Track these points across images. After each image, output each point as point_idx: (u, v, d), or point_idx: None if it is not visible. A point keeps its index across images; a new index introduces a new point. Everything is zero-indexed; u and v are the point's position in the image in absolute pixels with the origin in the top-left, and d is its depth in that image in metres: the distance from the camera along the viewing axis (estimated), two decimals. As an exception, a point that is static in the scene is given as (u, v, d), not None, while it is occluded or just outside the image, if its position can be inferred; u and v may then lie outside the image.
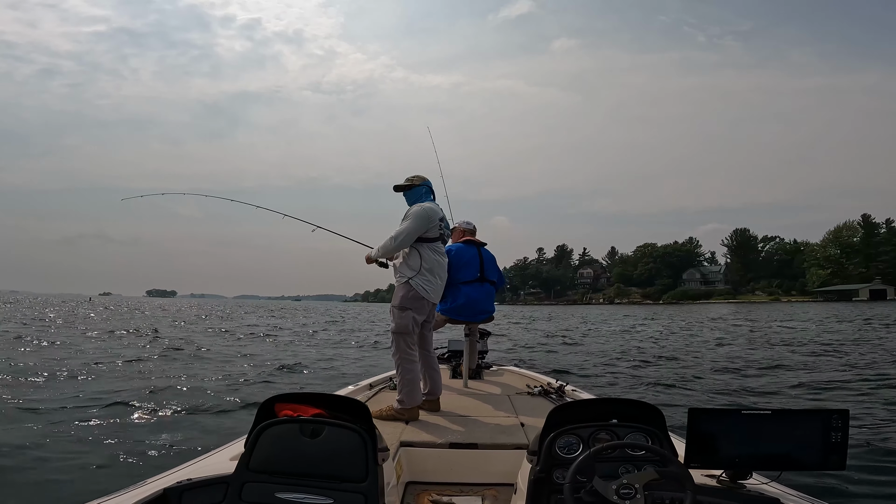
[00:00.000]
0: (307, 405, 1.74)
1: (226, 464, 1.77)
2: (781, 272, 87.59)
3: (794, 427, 1.63)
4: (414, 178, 3.41)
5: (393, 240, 3.13)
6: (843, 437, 1.61)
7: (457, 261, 4.02)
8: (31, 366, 8.34)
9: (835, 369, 9.20)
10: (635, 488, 1.47)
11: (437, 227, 3.23)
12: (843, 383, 7.65)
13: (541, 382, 4.10)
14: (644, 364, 10.18)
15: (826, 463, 1.62)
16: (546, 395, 3.64)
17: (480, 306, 4.14)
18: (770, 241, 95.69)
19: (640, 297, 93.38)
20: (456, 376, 4.44)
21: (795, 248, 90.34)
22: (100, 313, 32.13)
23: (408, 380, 3.05)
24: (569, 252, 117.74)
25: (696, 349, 13.05)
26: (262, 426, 1.64)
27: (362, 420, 1.70)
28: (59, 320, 23.19)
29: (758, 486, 1.66)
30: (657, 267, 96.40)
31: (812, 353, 11.65)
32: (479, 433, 2.70)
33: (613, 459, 1.64)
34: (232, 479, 1.58)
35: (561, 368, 9.26)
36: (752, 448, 1.62)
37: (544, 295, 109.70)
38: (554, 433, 1.77)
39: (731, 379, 8.38)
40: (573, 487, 1.51)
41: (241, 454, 1.64)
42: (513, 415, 3.11)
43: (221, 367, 9.31)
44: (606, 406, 1.90)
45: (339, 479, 1.57)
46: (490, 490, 2.35)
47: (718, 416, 1.66)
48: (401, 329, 3.15)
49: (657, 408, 1.80)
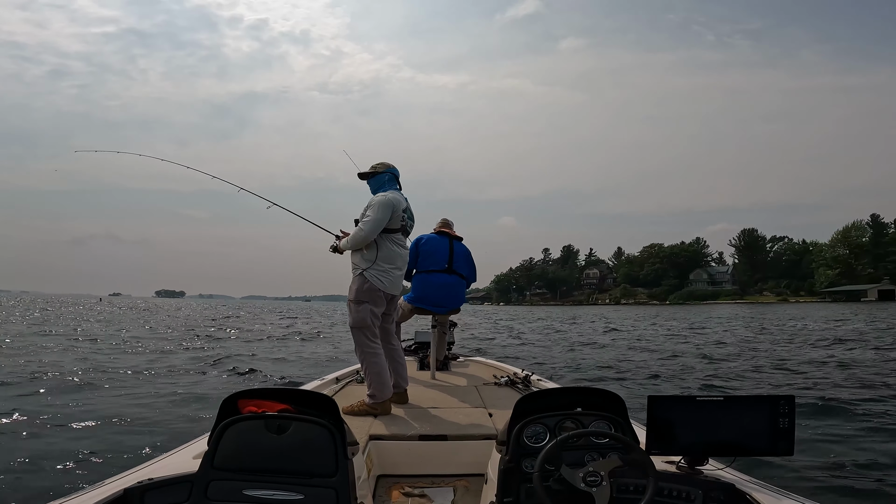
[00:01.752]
0: (272, 401, 1.73)
1: (189, 462, 1.72)
2: (790, 272, 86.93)
3: (744, 413, 1.66)
4: (378, 165, 3.32)
5: (360, 231, 3.06)
6: (790, 423, 1.64)
7: (426, 249, 4.04)
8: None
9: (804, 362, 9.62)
10: (601, 475, 1.51)
11: (399, 218, 3.15)
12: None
13: (507, 373, 4.14)
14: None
15: (775, 448, 1.66)
16: (513, 385, 3.69)
17: (447, 296, 4.12)
18: (778, 242, 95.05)
19: (647, 297, 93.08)
20: (423, 368, 4.42)
21: (804, 248, 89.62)
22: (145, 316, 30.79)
23: (375, 373, 3.00)
24: (575, 252, 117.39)
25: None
26: (225, 423, 1.60)
27: (330, 414, 1.68)
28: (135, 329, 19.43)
29: (714, 472, 1.70)
30: (664, 267, 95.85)
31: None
32: (448, 425, 2.72)
33: (579, 447, 1.68)
34: (196, 478, 1.54)
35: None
36: (707, 434, 1.65)
37: (550, 295, 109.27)
38: (521, 423, 1.80)
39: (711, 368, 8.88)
40: (542, 476, 1.53)
41: (205, 452, 1.60)
42: (481, 406, 3.13)
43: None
44: (571, 395, 1.93)
45: (308, 475, 1.54)
46: (461, 481, 2.36)
47: (675, 403, 1.69)
48: (358, 323, 3.08)
49: (619, 396, 1.86)
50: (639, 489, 1.55)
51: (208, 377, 7.96)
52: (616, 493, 1.52)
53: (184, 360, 10.00)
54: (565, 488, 1.52)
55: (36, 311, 32.09)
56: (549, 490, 1.53)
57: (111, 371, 8.06)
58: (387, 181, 3.25)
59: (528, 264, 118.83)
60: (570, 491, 1.52)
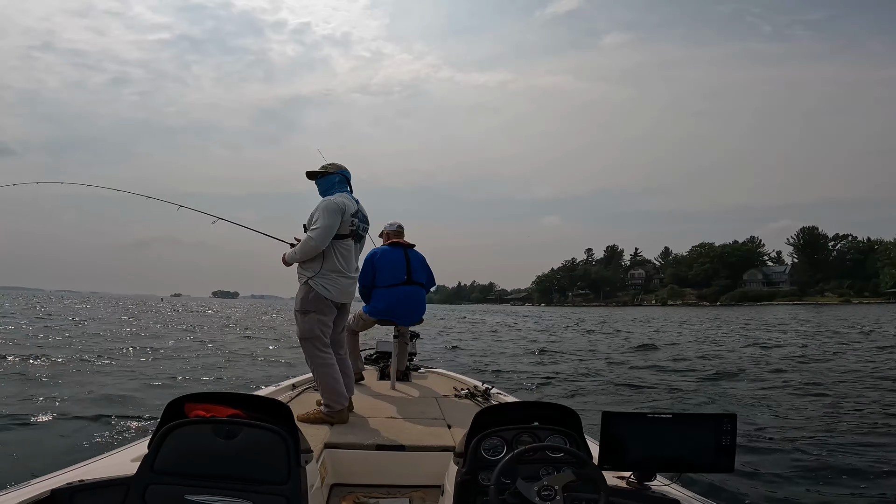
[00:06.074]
0: (222, 405, 1.67)
1: (126, 465, 1.65)
2: (853, 272, 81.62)
3: (689, 430, 1.72)
4: (329, 165, 3.20)
5: (310, 240, 2.93)
6: (731, 441, 1.69)
7: (382, 264, 3.98)
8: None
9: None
10: (555, 490, 1.52)
11: (348, 223, 3.02)
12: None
13: (467, 385, 4.14)
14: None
15: (717, 465, 1.71)
16: (472, 397, 3.69)
17: (409, 309, 4.10)
18: (842, 240, 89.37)
19: (696, 298, 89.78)
20: (383, 378, 4.41)
21: (869, 246, 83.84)
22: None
23: (327, 383, 2.93)
24: (619, 252, 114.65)
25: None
26: (169, 426, 1.54)
27: (284, 421, 1.63)
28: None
29: (661, 488, 1.74)
30: (714, 267, 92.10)
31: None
32: (406, 435, 2.68)
33: (535, 461, 1.69)
34: (133, 481, 1.47)
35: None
36: (655, 450, 1.70)
37: (593, 296, 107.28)
38: (479, 436, 1.81)
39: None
40: (498, 489, 1.55)
41: (145, 455, 1.53)
42: (440, 417, 3.11)
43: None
44: (529, 409, 1.95)
45: (257, 481, 1.49)
46: (417, 492, 2.34)
47: (627, 419, 1.75)
48: (305, 334, 3.00)
49: (574, 411, 1.89)
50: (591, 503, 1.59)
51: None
52: None
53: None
54: (520, 502, 1.54)
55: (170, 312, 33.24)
56: (505, 503, 1.54)
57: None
58: (337, 182, 3.14)
59: (570, 265, 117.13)
60: None
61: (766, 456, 4.39)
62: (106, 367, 9.02)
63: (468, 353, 12.97)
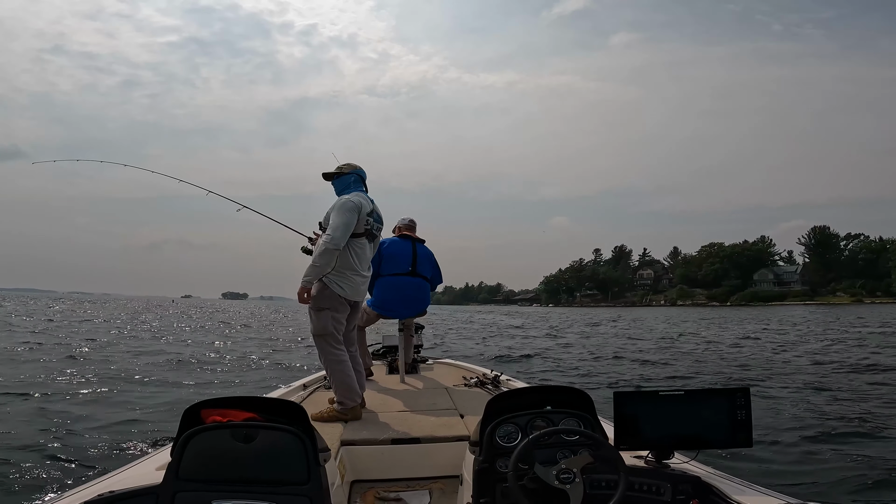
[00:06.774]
0: (237, 409, 1.68)
1: (151, 474, 1.67)
2: (865, 272, 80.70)
3: (703, 406, 1.73)
4: (344, 165, 3.26)
5: (331, 240, 2.93)
6: (747, 415, 1.70)
7: (388, 253, 3.99)
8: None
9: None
10: (574, 472, 1.53)
11: (363, 222, 3.07)
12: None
13: (476, 374, 4.17)
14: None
15: (735, 440, 1.72)
16: (482, 385, 3.71)
17: (412, 299, 4.10)
18: (854, 239, 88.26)
19: (705, 298, 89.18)
20: (392, 372, 4.40)
21: (881, 245, 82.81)
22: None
23: (341, 380, 2.96)
24: (628, 253, 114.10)
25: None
26: (189, 432, 1.55)
27: (299, 421, 1.65)
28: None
29: (680, 466, 1.75)
30: (724, 267, 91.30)
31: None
32: (420, 427, 2.70)
33: (551, 445, 1.69)
34: (161, 489, 1.49)
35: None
36: (671, 428, 1.72)
37: (601, 297, 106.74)
38: (493, 423, 1.82)
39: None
40: (516, 475, 1.55)
41: (169, 463, 1.54)
42: (452, 407, 3.13)
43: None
44: (540, 394, 1.95)
45: (279, 483, 1.50)
46: (436, 483, 2.37)
47: (640, 398, 1.76)
48: (320, 331, 3.02)
49: (586, 393, 1.90)
50: (610, 484, 1.58)
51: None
52: (589, 489, 1.55)
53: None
54: (540, 486, 1.55)
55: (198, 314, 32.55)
56: (525, 489, 1.55)
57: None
58: (352, 182, 3.19)
59: (578, 265, 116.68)
60: (544, 489, 1.55)
61: (783, 432, 4.38)
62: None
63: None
